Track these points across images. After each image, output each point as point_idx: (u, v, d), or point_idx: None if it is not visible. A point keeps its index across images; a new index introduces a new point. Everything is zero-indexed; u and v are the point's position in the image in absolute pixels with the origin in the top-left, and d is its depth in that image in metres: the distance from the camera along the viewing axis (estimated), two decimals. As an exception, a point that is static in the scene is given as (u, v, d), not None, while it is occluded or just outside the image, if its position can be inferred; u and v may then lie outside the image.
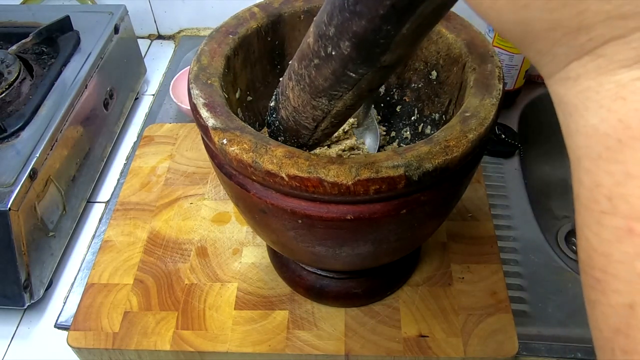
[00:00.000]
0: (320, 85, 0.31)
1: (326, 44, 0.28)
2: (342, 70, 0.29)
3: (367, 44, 0.26)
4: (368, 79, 0.29)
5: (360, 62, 0.27)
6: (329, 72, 0.30)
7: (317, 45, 0.29)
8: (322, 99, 0.33)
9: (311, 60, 0.30)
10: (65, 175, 0.67)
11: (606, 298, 0.14)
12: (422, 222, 0.43)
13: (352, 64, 0.28)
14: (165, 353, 0.55)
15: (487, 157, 0.74)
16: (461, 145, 0.37)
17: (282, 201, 0.38)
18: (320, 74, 0.30)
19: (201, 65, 0.44)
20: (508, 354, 0.53)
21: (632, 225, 0.13)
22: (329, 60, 0.29)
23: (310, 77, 0.31)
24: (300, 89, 0.33)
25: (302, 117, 0.36)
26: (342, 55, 0.27)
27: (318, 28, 0.28)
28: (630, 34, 0.12)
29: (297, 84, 0.33)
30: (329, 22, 0.27)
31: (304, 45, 0.31)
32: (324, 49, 0.28)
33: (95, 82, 0.74)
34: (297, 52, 0.33)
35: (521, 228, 0.66)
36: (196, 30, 1.01)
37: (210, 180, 0.70)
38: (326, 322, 0.56)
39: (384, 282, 0.58)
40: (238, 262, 0.61)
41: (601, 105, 0.13)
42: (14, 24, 0.81)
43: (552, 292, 0.60)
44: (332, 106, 0.33)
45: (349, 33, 0.26)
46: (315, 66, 0.30)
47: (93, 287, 0.60)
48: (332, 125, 0.36)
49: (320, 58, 0.29)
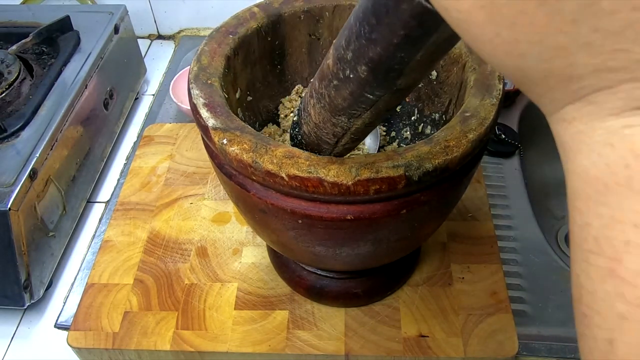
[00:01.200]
0: (340, 105, 0.32)
1: (344, 67, 0.29)
2: (359, 92, 0.30)
3: (383, 69, 0.27)
4: (385, 100, 0.30)
5: (377, 85, 0.28)
6: (347, 93, 0.31)
7: (336, 67, 0.30)
8: (341, 117, 0.33)
9: (330, 81, 0.31)
10: (65, 175, 0.67)
11: (591, 332, 0.15)
12: (422, 222, 0.43)
13: (369, 86, 0.29)
14: (165, 353, 0.55)
15: (487, 157, 0.74)
16: (461, 145, 0.37)
17: (282, 201, 0.38)
18: (339, 95, 0.31)
19: (201, 65, 0.44)
20: (508, 354, 0.53)
21: (614, 267, 0.13)
22: (347, 82, 0.30)
23: (330, 96, 0.32)
24: (320, 107, 0.35)
25: (323, 132, 0.37)
26: (359, 78, 0.28)
27: (337, 51, 0.29)
28: (617, 85, 0.13)
29: (318, 102, 0.34)
30: (347, 46, 0.28)
31: (324, 66, 0.32)
32: (342, 72, 0.29)
33: (95, 82, 0.74)
34: (318, 72, 0.34)
35: (521, 228, 0.66)
36: (196, 30, 1.01)
37: (210, 180, 0.70)
38: (326, 322, 0.56)
39: (384, 282, 0.58)
40: (238, 262, 0.61)
41: (592, 150, 0.14)
42: (14, 24, 0.81)
43: (552, 292, 0.60)
44: (351, 124, 0.34)
45: (365, 58, 0.27)
46: (334, 87, 0.31)
47: (93, 287, 0.60)
48: (352, 141, 0.37)
49: (339, 80, 0.30)
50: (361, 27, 0.26)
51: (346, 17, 0.49)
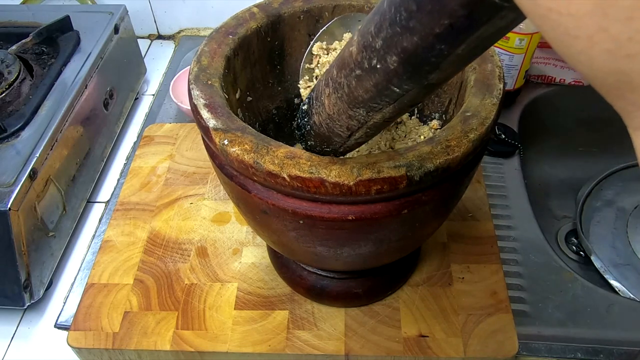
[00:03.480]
0: (360, 97, 0.30)
1: (371, 55, 0.27)
2: (385, 84, 0.27)
3: (417, 61, 0.25)
4: (412, 95, 0.28)
5: (406, 78, 0.26)
6: (371, 85, 0.28)
7: (361, 56, 0.28)
8: (359, 109, 0.31)
9: (352, 70, 0.29)
10: (65, 175, 0.67)
11: None
12: (423, 222, 0.43)
13: (397, 79, 0.27)
14: (165, 353, 0.55)
15: (487, 157, 0.74)
16: (462, 145, 0.37)
17: (283, 202, 0.38)
18: (361, 85, 0.29)
19: (201, 65, 0.44)
20: (508, 354, 0.53)
21: None
22: (373, 72, 0.27)
23: (350, 87, 0.30)
24: (337, 97, 0.32)
25: (336, 125, 0.34)
26: (387, 69, 0.26)
27: (364, 38, 0.27)
28: None
29: (335, 91, 0.32)
30: (377, 33, 0.26)
31: (345, 54, 0.30)
32: (368, 61, 0.27)
33: (95, 82, 0.74)
34: (336, 59, 0.32)
35: (521, 228, 0.66)
36: (196, 30, 1.01)
37: (210, 180, 0.70)
38: (326, 322, 0.56)
39: (384, 282, 0.58)
40: (238, 262, 0.61)
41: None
42: (14, 24, 0.80)
43: (552, 292, 0.60)
44: (369, 117, 0.32)
45: (397, 48, 0.25)
46: (356, 77, 0.29)
47: (93, 287, 0.60)
48: (366, 135, 0.35)
49: (363, 69, 0.28)
50: (397, 12, 0.24)
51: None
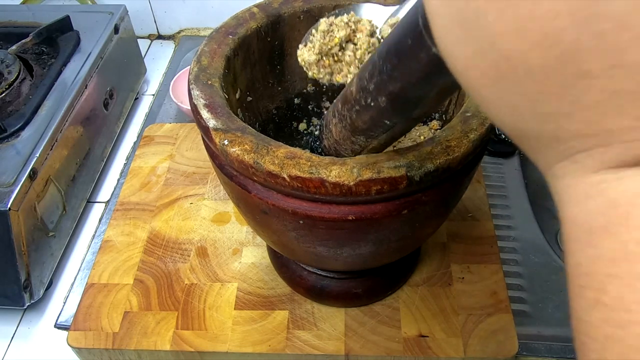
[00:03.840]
0: (360, 127, 0.36)
1: (366, 96, 0.32)
2: (378, 118, 0.33)
3: (401, 101, 0.30)
4: (400, 126, 0.34)
5: (394, 114, 0.32)
6: (368, 118, 0.34)
7: (359, 95, 0.33)
8: (360, 137, 0.37)
9: (353, 106, 0.35)
10: (65, 175, 0.67)
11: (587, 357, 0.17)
12: (423, 222, 0.43)
13: (387, 114, 0.32)
14: (165, 353, 0.55)
15: (487, 157, 0.74)
16: (462, 145, 0.37)
17: (283, 202, 0.38)
18: (360, 118, 0.35)
19: (201, 65, 0.44)
20: (508, 354, 0.53)
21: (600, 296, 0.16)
22: (368, 109, 0.33)
23: (352, 119, 0.36)
24: (342, 127, 0.38)
25: (342, 148, 0.40)
26: (379, 107, 0.32)
27: (361, 82, 0.33)
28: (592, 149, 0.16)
29: (340, 122, 0.38)
30: (370, 79, 0.31)
31: (347, 92, 0.36)
32: (364, 100, 0.33)
33: (95, 82, 0.74)
34: (341, 96, 0.37)
35: (521, 228, 0.66)
36: (196, 30, 1.01)
37: (210, 180, 0.70)
38: (326, 322, 0.56)
39: (384, 282, 0.58)
40: (238, 262, 0.61)
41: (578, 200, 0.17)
42: (14, 24, 0.80)
43: (552, 292, 0.60)
44: (368, 143, 0.37)
45: (385, 91, 0.30)
46: (356, 111, 0.35)
47: (93, 287, 0.60)
48: None
49: (360, 106, 0.34)
50: (384, 64, 0.29)
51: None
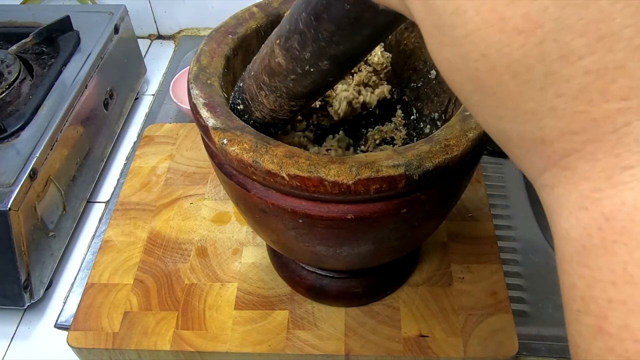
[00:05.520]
0: (300, 92, 0.35)
1: (303, 64, 0.32)
2: (323, 79, 0.33)
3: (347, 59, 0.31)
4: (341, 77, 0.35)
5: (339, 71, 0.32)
6: (309, 82, 0.34)
7: (292, 65, 0.33)
8: (301, 99, 0.37)
9: (286, 77, 0.34)
10: (65, 175, 0.67)
11: None
12: (423, 221, 0.43)
13: (331, 73, 0.32)
14: (165, 353, 0.55)
15: (487, 157, 0.74)
16: (461, 144, 0.37)
17: (282, 201, 0.38)
18: (300, 84, 0.35)
19: (201, 65, 0.44)
20: (508, 354, 0.53)
21: (601, 324, 0.15)
22: (308, 75, 0.33)
23: (288, 88, 0.35)
24: (276, 96, 0.37)
25: (279, 114, 0.40)
26: (321, 70, 0.32)
27: (289, 52, 0.32)
28: (582, 148, 0.15)
29: (272, 93, 0.37)
30: (302, 48, 0.31)
31: (273, 64, 0.35)
32: (301, 68, 0.32)
33: (95, 82, 0.74)
34: (262, 68, 0.37)
35: (521, 228, 0.66)
36: (196, 30, 1.01)
37: (210, 180, 0.70)
38: (326, 322, 0.56)
39: (384, 282, 0.58)
40: (238, 262, 0.61)
41: (571, 213, 0.15)
42: (14, 24, 0.81)
43: (552, 292, 0.60)
44: (310, 101, 0.38)
45: (327, 55, 0.30)
46: (292, 80, 0.34)
47: (93, 287, 0.60)
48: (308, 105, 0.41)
49: (297, 74, 0.33)
50: (317, 32, 0.29)
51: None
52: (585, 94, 0.14)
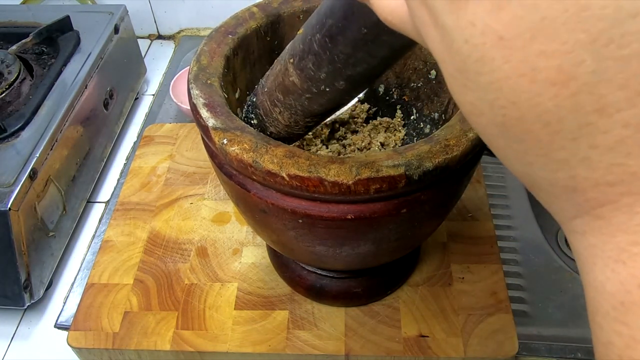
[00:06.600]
0: (316, 110, 0.36)
1: (319, 84, 0.32)
2: (340, 98, 0.33)
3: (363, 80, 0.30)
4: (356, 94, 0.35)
5: (354, 90, 0.33)
6: (325, 101, 0.34)
7: (307, 85, 0.33)
8: (316, 117, 0.37)
9: (301, 95, 0.34)
10: (65, 175, 0.67)
11: None
12: (423, 221, 0.43)
13: (347, 93, 0.32)
14: (165, 353, 0.55)
15: (487, 157, 0.74)
16: (461, 144, 0.37)
17: (282, 201, 0.38)
18: (315, 103, 0.35)
19: (201, 65, 0.44)
20: (508, 354, 0.53)
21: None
22: (324, 94, 0.33)
23: (303, 106, 0.35)
24: (291, 113, 0.37)
25: (294, 129, 0.40)
26: (338, 90, 0.31)
27: (303, 72, 0.32)
28: (619, 200, 0.14)
29: (287, 110, 0.37)
30: (317, 69, 0.31)
31: (287, 83, 0.35)
32: (317, 88, 0.32)
33: (95, 82, 0.74)
34: (276, 86, 0.37)
35: (521, 228, 0.66)
36: (196, 30, 1.01)
37: (210, 180, 0.70)
38: (326, 322, 0.56)
39: (384, 282, 0.58)
40: (238, 262, 0.61)
41: (606, 264, 0.15)
42: (14, 24, 0.81)
43: (552, 292, 0.60)
44: (326, 117, 0.38)
45: (343, 76, 0.30)
46: (307, 99, 0.34)
47: (93, 287, 0.60)
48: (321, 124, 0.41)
49: (312, 94, 0.33)
50: (333, 54, 0.28)
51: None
52: (623, 147, 0.14)
